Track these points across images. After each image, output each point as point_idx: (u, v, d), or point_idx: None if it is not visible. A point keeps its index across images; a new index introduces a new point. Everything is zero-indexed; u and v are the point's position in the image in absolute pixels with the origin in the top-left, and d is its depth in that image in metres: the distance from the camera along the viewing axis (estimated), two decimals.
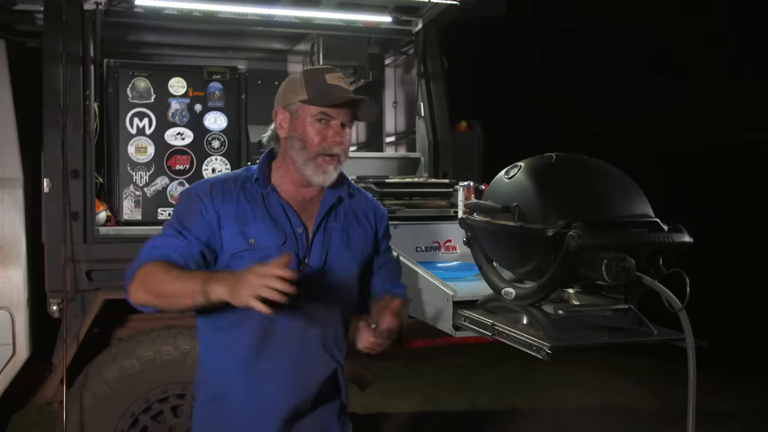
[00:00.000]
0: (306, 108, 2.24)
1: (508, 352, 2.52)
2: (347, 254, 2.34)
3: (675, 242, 2.11)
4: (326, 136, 2.24)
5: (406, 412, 6.33)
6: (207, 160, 4.17)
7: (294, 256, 2.23)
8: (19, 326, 3.79)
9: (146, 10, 4.18)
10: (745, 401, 6.47)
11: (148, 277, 2.10)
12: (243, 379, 2.27)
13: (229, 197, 2.25)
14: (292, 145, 2.27)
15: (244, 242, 2.22)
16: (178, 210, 2.28)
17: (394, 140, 5.40)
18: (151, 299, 2.12)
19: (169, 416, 3.94)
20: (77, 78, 3.85)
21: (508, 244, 2.34)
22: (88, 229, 3.80)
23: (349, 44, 4.64)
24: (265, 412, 2.28)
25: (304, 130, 2.25)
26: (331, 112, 2.23)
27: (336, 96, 2.22)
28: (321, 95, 2.22)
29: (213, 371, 2.33)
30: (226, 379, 2.29)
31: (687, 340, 2.02)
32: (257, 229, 2.23)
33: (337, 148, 2.24)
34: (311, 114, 2.24)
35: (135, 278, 2.13)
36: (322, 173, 2.24)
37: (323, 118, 2.23)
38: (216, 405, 2.31)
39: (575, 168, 2.33)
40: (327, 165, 2.25)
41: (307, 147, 2.24)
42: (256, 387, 2.26)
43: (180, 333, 3.91)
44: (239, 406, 2.28)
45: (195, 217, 2.22)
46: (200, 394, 2.38)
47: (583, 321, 2.28)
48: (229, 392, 2.29)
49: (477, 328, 2.43)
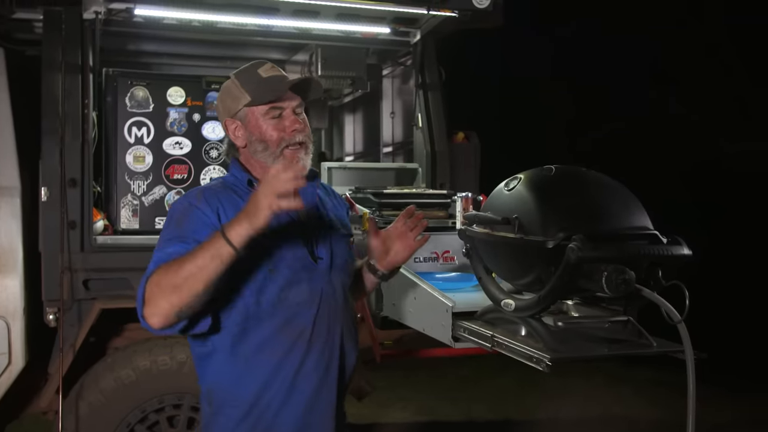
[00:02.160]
0: (253, 109, 2.23)
1: (504, 363, 2.52)
2: (342, 241, 2.38)
3: (674, 255, 2.11)
4: (283, 127, 2.22)
5: (401, 423, 6.32)
6: (205, 170, 4.17)
7: (300, 250, 2.23)
8: (15, 335, 3.78)
9: (146, 19, 4.17)
10: (739, 411, 6.48)
11: (160, 281, 1.95)
12: (275, 381, 2.18)
13: (224, 199, 2.19)
14: (255, 149, 2.25)
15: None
16: (175, 223, 2.14)
17: (391, 150, 5.41)
18: (172, 299, 1.94)
19: (165, 426, 3.93)
20: (76, 87, 3.86)
21: (508, 256, 2.34)
22: (86, 238, 3.80)
23: (348, 55, 4.65)
24: (307, 413, 2.22)
25: (260, 131, 2.23)
26: (280, 103, 2.22)
27: (278, 86, 2.21)
28: (262, 91, 2.22)
29: (235, 377, 2.20)
30: (253, 384, 2.18)
31: (686, 352, 2.02)
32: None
33: (299, 135, 2.24)
34: (261, 113, 2.23)
35: (147, 297, 1.97)
36: (296, 163, 2.21)
37: (276, 113, 2.22)
38: (242, 411, 2.19)
39: (574, 180, 2.33)
40: (296, 153, 2.24)
41: (269, 146, 2.22)
42: (291, 388, 2.19)
43: (177, 342, 3.90)
44: (274, 409, 2.19)
45: (195, 224, 2.10)
46: (221, 401, 2.23)
47: (582, 332, 2.27)
48: (262, 397, 2.18)
49: (476, 340, 2.42)
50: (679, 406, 2.05)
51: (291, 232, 2.21)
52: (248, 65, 2.30)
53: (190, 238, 2.05)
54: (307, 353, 2.20)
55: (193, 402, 3.92)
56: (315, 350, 2.22)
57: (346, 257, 2.38)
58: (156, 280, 1.96)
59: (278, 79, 2.25)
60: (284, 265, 2.18)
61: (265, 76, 2.24)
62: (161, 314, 1.96)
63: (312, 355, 2.21)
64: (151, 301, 1.96)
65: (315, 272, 2.24)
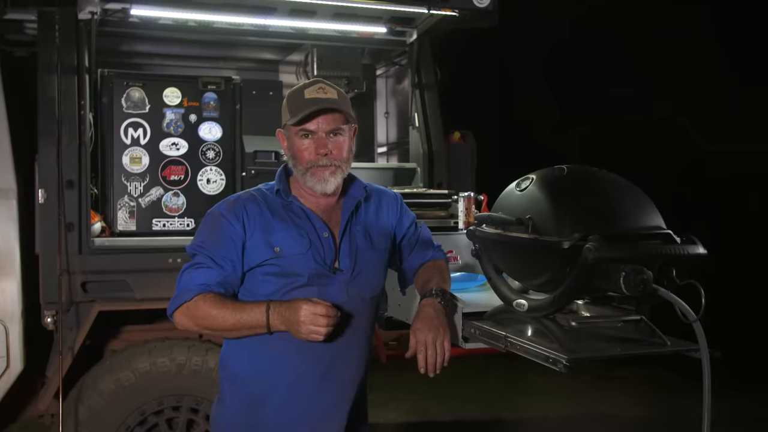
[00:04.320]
0: (292, 128, 2.34)
1: (490, 363, 2.54)
2: (373, 254, 2.44)
3: (689, 254, 2.13)
4: (312, 150, 2.32)
5: (393, 423, 6.32)
6: (202, 171, 4.15)
7: (321, 260, 2.32)
8: (13, 339, 3.74)
9: (141, 19, 4.15)
10: (741, 409, 6.52)
11: (197, 312, 2.25)
12: (284, 380, 2.34)
13: (252, 210, 2.34)
14: (293, 163, 2.38)
15: (270, 251, 2.29)
16: (205, 236, 2.34)
17: (386, 151, 5.41)
18: (200, 330, 2.35)
19: (164, 428, 3.92)
20: (72, 88, 3.82)
21: (521, 256, 2.34)
22: (84, 241, 3.77)
23: (343, 55, 4.65)
24: (306, 413, 2.37)
25: (294, 148, 2.35)
26: (310, 126, 2.32)
27: (306, 110, 2.29)
28: (296, 113, 2.30)
29: (248, 373, 2.38)
30: (264, 380, 2.36)
31: (702, 351, 2.03)
32: (282, 237, 2.31)
33: (323, 159, 2.31)
34: (295, 132, 2.34)
35: (182, 309, 2.27)
36: (319, 181, 2.32)
37: (305, 134, 2.32)
38: (250, 405, 2.37)
39: (587, 180, 2.34)
40: (321, 173, 2.32)
41: (298, 164, 2.34)
42: (296, 386, 2.35)
43: (175, 344, 3.90)
44: (276, 404, 2.36)
45: (224, 240, 2.30)
46: (229, 396, 2.43)
47: (595, 332, 2.28)
48: (267, 392, 2.36)
49: (489, 340, 2.42)
50: (665, 404, 2.08)
51: (315, 244, 2.33)
52: (304, 83, 2.41)
53: (219, 257, 2.29)
54: (303, 357, 2.32)
55: (192, 404, 3.91)
56: (311, 357, 2.33)
57: (373, 271, 2.45)
58: (193, 308, 2.25)
59: (314, 102, 2.31)
60: (302, 272, 2.31)
61: (306, 98, 2.32)
62: (184, 327, 2.32)
63: (307, 360, 2.33)
64: (181, 316, 2.28)
65: (330, 282, 2.34)
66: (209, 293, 2.25)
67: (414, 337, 2.28)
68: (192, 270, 2.29)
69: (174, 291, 2.31)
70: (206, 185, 4.14)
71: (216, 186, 4.16)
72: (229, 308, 2.23)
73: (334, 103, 2.32)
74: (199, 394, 3.86)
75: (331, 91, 2.35)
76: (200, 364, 3.87)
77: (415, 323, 2.31)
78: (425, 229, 2.69)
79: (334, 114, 2.32)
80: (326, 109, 2.30)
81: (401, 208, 2.61)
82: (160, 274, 3.68)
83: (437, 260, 2.61)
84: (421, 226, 2.68)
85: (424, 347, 2.24)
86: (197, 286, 2.26)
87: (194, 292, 2.25)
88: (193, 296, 2.24)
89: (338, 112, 2.33)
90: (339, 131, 2.34)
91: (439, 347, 2.25)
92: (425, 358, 2.25)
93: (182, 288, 2.28)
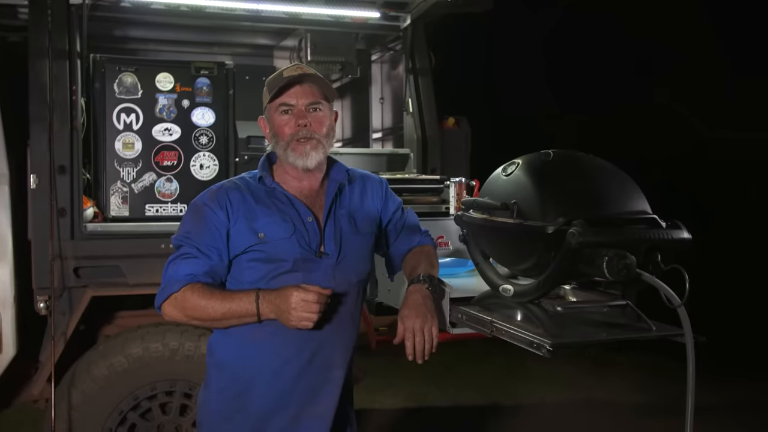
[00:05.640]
0: (270, 106, 2.37)
1: (487, 349, 2.54)
2: (358, 238, 2.44)
3: (674, 239, 2.11)
4: (291, 124, 2.33)
5: (391, 409, 6.33)
6: (195, 156, 4.14)
7: (306, 245, 2.32)
8: (5, 324, 3.76)
9: (133, 4, 4.14)
10: (737, 395, 6.53)
11: (185, 303, 2.24)
12: (269, 366, 2.35)
13: (235, 197, 2.34)
14: (274, 142, 2.38)
15: (254, 237, 2.30)
16: (190, 226, 2.34)
17: (381, 136, 5.40)
18: (189, 320, 2.30)
19: (157, 413, 3.93)
20: (64, 73, 3.80)
21: (507, 241, 2.33)
22: (76, 226, 3.76)
23: (337, 40, 4.63)
24: (291, 398, 2.37)
25: (274, 126, 2.37)
26: (289, 100, 2.34)
27: (283, 82, 2.31)
28: (275, 89, 2.32)
29: (234, 360, 2.39)
30: (250, 367, 2.36)
31: (686, 336, 2.02)
32: (266, 223, 2.31)
33: (303, 131, 2.32)
34: (274, 109, 2.36)
35: (170, 300, 2.26)
36: (300, 156, 2.32)
37: (284, 109, 2.33)
38: (236, 392, 2.38)
39: (573, 165, 2.33)
40: (302, 147, 2.33)
41: (279, 139, 2.34)
42: (281, 372, 2.35)
43: (168, 330, 3.89)
44: (262, 391, 2.36)
45: (208, 229, 2.30)
46: (215, 382, 2.45)
47: (581, 317, 2.28)
48: (253, 379, 2.36)
49: (475, 325, 2.42)
50: (662, 390, 2.08)
51: (299, 229, 2.33)
52: (284, 67, 2.41)
53: (205, 247, 2.28)
54: (288, 344, 2.32)
55: (186, 389, 3.92)
56: (297, 343, 2.33)
57: (358, 255, 2.45)
58: (182, 299, 2.24)
59: (292, 78, 2.32)
60: (287, 257, 2.31)
61: (285, 75, 2.34)
62: (173, 318, 2.31)
63: (292, 346, 2.33)
64: (171, 309, 2.28)
65: (316, 267, 2.33)
66: (197, 283, 2.25)
67: (402, 324, 2.28)
68: (179, 260, 2.29)
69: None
70: (199, 171, 4.14)
71: (209, 171, 4.16)
72: (217, 298, 2.23)
73: (312, 77, 2.34)
74: (192, 379, 3.86)
75: (309, 70, 2.37)
76: (193, 350, 3.87)
77: (402, 310, 2.31)
78: (412, 214, 2.68)
79: (312, 87, 2.34)
80: (304, 83, 2.32)
81: (386, 192, 2.61)
82: (152, 259, 3.67)
83: (425, 246, 2.60)
84: (407, 211, 2.67)
85: (412, 334, 2.25)
86: (184, 277, 2.25)
87: (182, 282, 2.24)
88: (181, 287, 2.24)
89: (316, 86, 2.34)
90: (318, 105, 2.36)
91: (426, 334, 2.25)
92: (413, 345, 2.25)
93: (169, 279, 2.27)
